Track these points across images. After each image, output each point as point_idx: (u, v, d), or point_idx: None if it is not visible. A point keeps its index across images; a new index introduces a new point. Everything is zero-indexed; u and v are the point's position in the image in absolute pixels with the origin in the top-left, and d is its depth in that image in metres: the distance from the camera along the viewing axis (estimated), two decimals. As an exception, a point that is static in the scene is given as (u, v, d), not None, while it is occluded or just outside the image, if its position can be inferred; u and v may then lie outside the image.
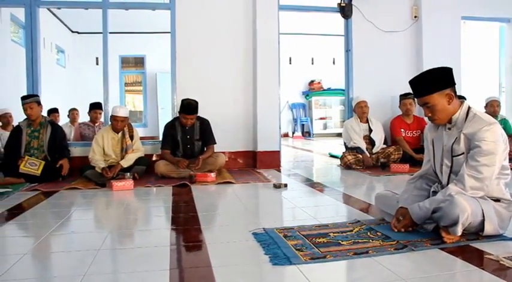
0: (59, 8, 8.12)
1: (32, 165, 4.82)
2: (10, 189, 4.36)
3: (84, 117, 7.78)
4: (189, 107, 5.04)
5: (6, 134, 6.14)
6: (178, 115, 5.26)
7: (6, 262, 2.24)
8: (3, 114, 6.51)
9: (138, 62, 13.11)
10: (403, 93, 5.94)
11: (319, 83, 13.52)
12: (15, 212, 3.51)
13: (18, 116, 5.50)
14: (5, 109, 6.57)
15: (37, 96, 5.24)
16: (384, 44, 6.40)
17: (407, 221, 2.49)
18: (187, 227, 2.95)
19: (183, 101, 5.11)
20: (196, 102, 5.10)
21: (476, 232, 2.36)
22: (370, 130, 5.93)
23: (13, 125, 6.28)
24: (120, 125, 5.05)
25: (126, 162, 5.01)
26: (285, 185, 4.37)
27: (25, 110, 5.04)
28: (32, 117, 5.05)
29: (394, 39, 6.43)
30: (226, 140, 5.80)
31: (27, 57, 5.76)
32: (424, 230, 2.51)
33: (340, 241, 2.40)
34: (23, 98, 5.09)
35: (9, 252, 2.54)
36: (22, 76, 5.90)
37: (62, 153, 5.18)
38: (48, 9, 8.91)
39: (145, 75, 12.82)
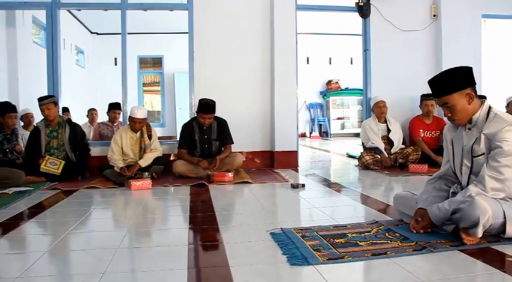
0: (79, 10, 8.24)
1: (52, 165, 4.91)
2: (31, 188, 4.44)
3: (103, 117, 7.88)
4: (206, 106, 5.06)
5: (27, 134, 6.24)
6: (196, 115, 5.29)
7: (28, 259, 2.29)
8: (25, 114, 6.61)
9: (156, 62, 13.20)
10: (424, 93, 5.86)
11: (336, 82, 13.44)
12: (36, 210, 3.58)
13: (40, 116, 5.58)
14: (27, 109, 6.68)
15: (54, 96, 5.32)
16: (402, 44, 6.34)
17: (426, 222, 2.47)
18: (205, 226, 2.97)
19: (200, 100, 5.14)
20: (214, 102, 5.13)
21: (497, 234, 2.32)
22: (389, 130, 5.89)
23: (34, 125, 6.39)
24: (138, 126, 5.10)
25: (144, 162, 5.06)
26: (303, 185, 4.36)
27: (42, 111, 5.12)
28: (49, 117, 5.13)
29: (413, 39, 6.37)
30: (244, 140, 5.82)
31: (48, 58, 5.87)
32: (443, 232, 2.48)
33: (358, 242, 2.39)
34: (40, 99, 5.16)
35: (31, 249, 2.59)
36: (43, 77, 6.00)
37: (84, 151, 5.28)
38: (68, 10, 9.03)
39: (163, 76, 12.91)
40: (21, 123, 6.66)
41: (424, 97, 5.92)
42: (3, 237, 2.76)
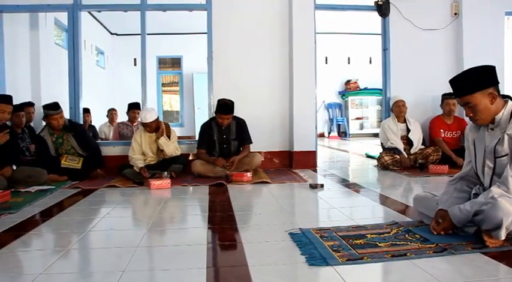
0: (99, 11, 8.34)
1: (72, 161, 5.01)
2: (53, 187, 4.52)
3: (122, 117, 7.96)
4: (225, 106, 5.08)
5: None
6: (214, 115, 5.31)
7: (49, 257, 2.33)
8: (47, 114, 6.73)
9: (175, 62, 13.29)
10: (446, 92, 5.77)
11: (355, 82, 13.36)
12: (57, 208, 3.64)
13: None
14: (49, 110, 6.79)
15: (59, 105, 5.29)
16: (422, 43, 6.26)
17: (447, 223, 2.43)
18: (223, 226, 2.98)
19: (219, 101, 5.16)
20: (232, 102, 5.14)
21: (521, 236, 2.28)
22: (408, 130, 5.83)
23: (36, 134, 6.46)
24: (149, 128, 5.16)
25: (165, 145, 5.13)
26: (321, 186, 4.34)
27: (53, 120, 5.09)
28: (58, 127, 5.17)
29: (433, 38, 6.28)
30: (263, 140, 5.83)
31: (69, 59, 5.96)
32: (465, 233, 2.44)
33: (377, 243, 2.37)
34: (51, 109, 5.10)
35: (52, 247, 2.64)
36: (64, 77, 6.10)
37: (93, 147, 5.44)
38: (89, 12, 9.15)
39: (182, 76, 12.99)
40: (43, 123, 6.77)
41: (445, 96, 5.84)
42: (26, 234, 2.81)
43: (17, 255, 2.42)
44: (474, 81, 2.34)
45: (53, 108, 5.11)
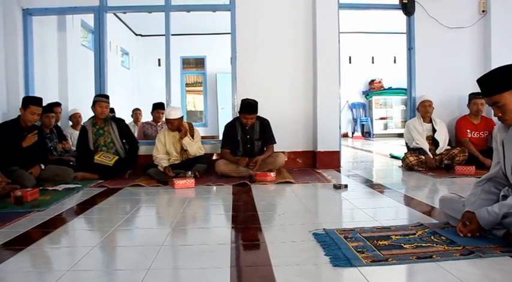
0: (124, 13, 8.46)
1: (106, 158, 5.11)
2: (80, 185, 4.60)
3: (147, 117, 8.06)
4: (249, 106, 5.09)
5: (76, 133, 6.49)
6: (238, 115, 5.33)
7: (76, 254, 2.38)
8: (73, 114, 6.88)
9: (199, 62, 13.37)
10: (473, 92, 5.67)
11: (379, 82, 13.22)
12: (84, 206, 3.71)
13: (88, 116, 5.77)
14: (75, 109, 6.95)
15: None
16: (448, 41, 6.16)
17: (474, 225, 2.39)
18: (247, 225, 2.99)
19: (243, 101, 5.17)
20: (256, 102, 5.15)
21: (552, 240, 2.22)
22: (434, 130, 5.74)
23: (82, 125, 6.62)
24: (171, 126, 5.19)
25: (189, 145, 5.16)
26: (345, 186, 4.31)
27: (100, 107, 5.27)
28: (102, 115, 5.31)
29: (460, 36, 6.17)
30: (286, 140, 5.83)
31: (95, 60, 6.07)
32: (493, 236, 2.39)
33: (402, 244, 2.35)
34: (102, 96, 5.38)
35: (79, 244, 2.69)
36: (90, 78, 6.21)
37: (132, 145, 5.48)
38: (114, 14, 9.29)
39: (206, 76, 13.06)
40: (70, 123, 6.92)
41: (473, 96, 5.73)
42: (54, 231, 2.87)
43: (45, 251, 2.48)
44: (503, 81, 2.29)
45: (104, 96, 5.44)
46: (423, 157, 5.53)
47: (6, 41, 5.77)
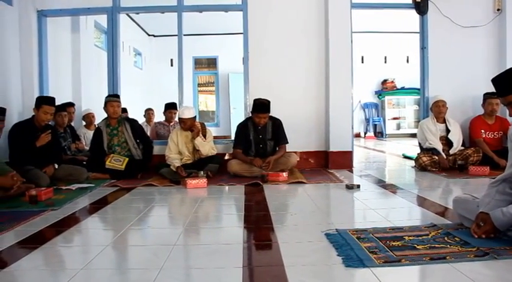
0: (137, 13, 8.52)
1: (116, 162, 5.13)
2: (93, 185, 4.64)
3: (159, 117, 8.10)
4: (261, 106, 5.10)
5: (89, 133, 6.56)
6: (250, 115, 5.33)
7: (90, 253, 2.40)
8: (87, 114, 6.94)
9: (211, 62, 13.41)
10: (488, 92, 5.60)
11: (392, 82, 13.14)
12: (97, 206, 3.75)
13: (102, 116, 5.81)
14: (88, 109, 7.01)
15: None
16: (462, 40, 6.09)
17: (488, 227, 2.36)
18: (259, 225, 2.99)
19: (255, 100, 5.18)
20: (269, 102, 5.15)
21: None
22: (448, 131, 5.68)
23: (95, 125, 6.67)
24: (184, 125, 5.19)
25: (201, 145, 5.17)
26: (358, 186, 4.29)
27: (111, 107, 5.31)
28: (115, 115, 5.34)
29: (474, 35, 6.10)
30: (299, 140, 5.82)
31: (108, 60, 6.12)
32: (508, 238, 2.36)
33: (415, 245, 2.33)
34: (113, 96, 5.42)
35: (92, 243, 2.72)
36: (103, 78, 6.26)
37: (147, 145, 5.50)
38: (127, 14, 9.35)
39: (218, 76, 13.10)
40: (83, 123, 6.98)
41: (487, 95, 5.67)
42: (68, 230, 2.90)
43: (59, 250, 2.51)
44: (518, 80, 2.27)
45: (115, 95, 5.45)
46: (436, 157, 5.48)
47: (21, 42, 5.84)
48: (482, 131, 5.70)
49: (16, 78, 5.75)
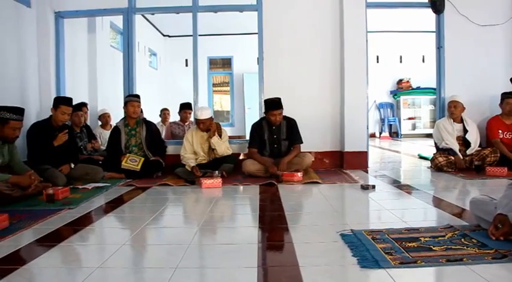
0: (152, 14, 8.57)
1: (132, 162, 5.16)
2: (109, 184, 4.68)
3: (174, 116, 8.14)
4: (273, 103, 5.14)
5: (105, 133, 6.62)
6: (264, 115, 5.33)
7: (106, 251, 2.43)
8: (103, 114, 7.00)
9: (226, 63, 13.43)
10: (506, 91, 5.51)
11: (407, 81, 13.03)
12: (113, 205, 3.78)
13: (117, 116, 5.86)
14: (104, 109, 7.07)
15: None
16: (479, 39, 6.01)
17: (506, 228, 2.33)
18: (274, 225, 2.99)
19: (265, 100, 5.26)
20: (279, 98, 5.18)
21: None
22: (465, 131, 5.61)
23: (111, 125, 6.74)
24: (203, 126, 5.20)
25: (217, 145, 5.19)
26: (373, 187, 4.27)
27: (132, 107, 5.35)
28: (134, 115, 5.39)
29: (492, 34, 6.01)
30: (313, 140, 5.81)
31: (124, 60, 6.17)
32: (526, 239, 2.33)
33: (431, 246, 2.31)
34: (135, 96, 5.45)
35: (108, 242, 2.75)
36: (119, 79, 6.31)
37: (160, 148, 5.54)
38: (143, 15, 9.41)
39: (233, 76, 13.11)
40: (99, 123, 7.05)
41: (506, 95, 5.57)
42: (84, 229, 2.94)
43: (75, 248, 2.54)
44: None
45: (135, 95, 5.49)
46: (452, 158, 5.42)
47: (39, 44, 5.92)
48: (500, 131, 5.62)
49: (34, 78, 5.83)
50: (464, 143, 5.59)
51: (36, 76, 5.89)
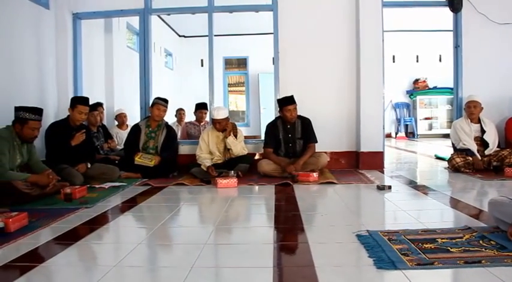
0: (168, 14, 8.62)
1: (145, 159, 5.20)
2: (125, 184, 4.72)
3: (190, 116, 8.17)
4: (286, 99, 5.18)
5: (121, 133, 6.68)
6: (279, 115, 5.33)
7: (123, 250, 2.46)
8: (119, 114, 7.06)
9: (241, 63, 13.45)
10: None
11: (424, 81, 12.90)
12: (129, 204, 3.82)
13: (133, 116, 5.90)
14: (121, 109, 7.13)
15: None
16: (498, 38, 5.92)
17: (526, 230, 2.30)
18: (289, 225, 2.99)
19: (278, 100, 5.31)
20: (291, 95, 5.19)
21: None
22: (483, 131, 5.53)
23: (127, 125, 6.79)
24: (219, 126, 5.22)
25: (233, 144, 5.19)
26: (389, 187, 4.24)
27: (157, 110, 5.38)
28: (158, 117, 5.42)
29: (511, 32, 5.91)
30: (329, 140, 5.80)
31: (140, 61, 6.22)
32: (546, 241, 2.30)
33: (449, 248, 2.28)
34: (163, 100, 5.46)
35: (124, 241, 2.78)
36: (135, 79, 6.36)
37: (171, 152, 5.52)
38: (159, 16, 9.47)
39: (248, 76, 13.13)
40: (116, 123, 7.11)
41: (525, 95, 5.51)
42: (101, 227, 2.98)
43: (92, 247, 2.57)
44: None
45: (163, 99, 5.49)
46: (470, 158, 5.35)
47: (57, 44, 6.01)
48: (519, 131, 5.53)
49: (52, 79, 5.92)
50: (482, 143, 5.51)
51: (54, 77, 5.97)
